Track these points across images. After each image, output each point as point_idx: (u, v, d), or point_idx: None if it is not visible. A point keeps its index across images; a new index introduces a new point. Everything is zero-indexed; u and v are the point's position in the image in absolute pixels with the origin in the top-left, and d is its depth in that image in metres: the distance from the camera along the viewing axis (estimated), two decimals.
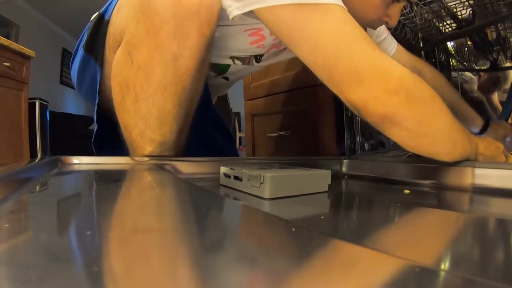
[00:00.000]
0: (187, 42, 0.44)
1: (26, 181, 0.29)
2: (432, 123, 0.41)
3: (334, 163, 0.60)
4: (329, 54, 0.40)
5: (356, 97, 0.41)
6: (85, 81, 0.61)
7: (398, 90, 0.40)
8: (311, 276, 0.12)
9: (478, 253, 0.20)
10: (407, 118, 0.40)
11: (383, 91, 0.40)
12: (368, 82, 0.40)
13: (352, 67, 0.40)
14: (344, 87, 0.41)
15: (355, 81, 0.40)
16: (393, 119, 0.40)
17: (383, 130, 0.43)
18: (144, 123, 0.49)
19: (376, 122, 0.42)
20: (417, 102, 0.41)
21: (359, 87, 0.40)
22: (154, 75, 0.46)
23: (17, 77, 1.75)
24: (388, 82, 0.40)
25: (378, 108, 0.40)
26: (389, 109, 0.40)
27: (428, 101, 0.42)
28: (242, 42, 0.56)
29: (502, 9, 0.70)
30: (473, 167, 0.43)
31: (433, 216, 0.32)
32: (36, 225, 0.18)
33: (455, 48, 1.06)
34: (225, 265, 0.13)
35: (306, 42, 0.41)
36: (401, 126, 0.40)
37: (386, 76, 0.40)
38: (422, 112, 0.41)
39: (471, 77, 1.14)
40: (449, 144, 0.43)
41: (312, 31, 0.40)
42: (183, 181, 0.38)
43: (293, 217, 0.29)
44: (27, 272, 0.11)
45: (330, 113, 0.81)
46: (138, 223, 0.18)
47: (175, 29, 0.43)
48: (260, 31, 0.54)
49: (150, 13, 0.44)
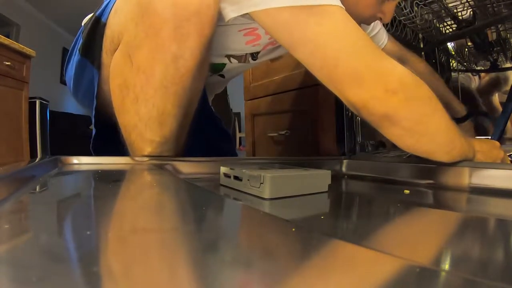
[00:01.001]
0: (187, 43, 0.44)
1: (26, 181, 0.29)
2: (430, 122, 0.42)
3: (334, 163, 0.60)
4: (328, 56, 0.41)
5: (356, 97, 0.41)
6: (82, 86, 0.60)
7: (397, 90, 0.40)
8: (311, 276, 0.12)
9: (478, 253, 0.20)
10: (406, 118, 0.41)
11: (383, 91, 0.40)
12: (367, 82, 0.40)
13: (352, 68, 0.40)
14: (344, 88, 0.42)
15: (355, 82, 0.41)
16: (392, 118, 0.41)
17: (381, 129, 0.43)
18: (144, 124, 0.49)
19: (375, 122, 0.42)
20: (415, 102, 0.41)
21: (359, 88, 0.41)
22: (155, 76, 0.46)
23: (17, 76, 1.75)
24: (387, 82, 0.40)
25: (377, 108, 0.41)
26: (388, 108, 0.40)
27: (426, 101, 0.42)
28: (237, 42, 0.56)
29: (503, 10, 0.70)
30: (471, 167, 0.43)
31: (433, 216, 0.32)
32: (36, 225, 0.18)
33: (455, 49, 1.06)
34: (225, 265, 0.13)
35: (304, 45, 0.41)
36: (399, 125, 0.41)
37: (386, 76, 0.41)
38: (421, 111, 0.41)
39: (471, 76, 1.15)
40: (447, 144, 0.43)
41: (310, 33, 0.40)
42: (183, 181, 0.38)
43: (293, 217, 0.29)
44: (27, 272, 0.11)
45: (330, 113, 0.81)
46: (138, 223, 0.18)
47: (175, 30, 0.43)
48: (255, 31, 0.54)
49: (149, 15, 0.44)
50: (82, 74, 0.58)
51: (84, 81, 0.58)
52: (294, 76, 0.92)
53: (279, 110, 0.98)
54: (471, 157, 0.46)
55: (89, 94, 0.57)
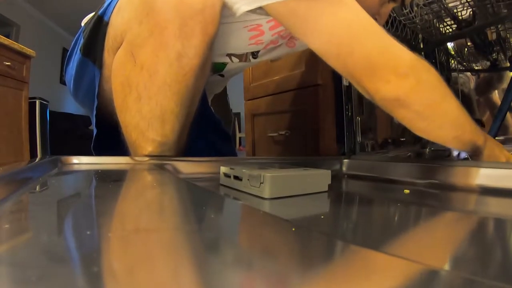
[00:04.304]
0: (191, 41, 0.44)
1: (26, 181, 0.29)
2: (440, 106, 0.43)
3: (334, 163, 0.60)
4: (344, 43, 0.42)
5: (370, 83, 0.43)
6: (83, 86, 0.60)
7: (408, 74, 0.42)
8: (311, 276, 0.12)
9: (484, 254, 0.20)
10: (417, 101, 0.42)
11: (394, 76, 0.42)
12: (380, 68, 0.42)
13: (366, 54, 0.42)
14: (358, 74, 0.43)
15: (368, 68, 0.42)
16: (403, 102, 0.42)
17: (394, 114, 0.45)
18: (146, 123, 0.49)
19: (388, 106, 0.44)
20: (426, 86, 0.43)
21: (373, 74, 0.42)
22: (158, 74, 0.46)
23: (17, 76, 1.75)
24: (398, 67, 0.42)
25: (389, 92, 0.42)
26: (400, 92, 0.42)
27: (437, 85, 0.44)
28: (241, 38, 0.56)
29: (502, 10, 0.70)
30: (472, 167, 0.43)
31: (432, 216, 0.32)
32: (36, 225, 0.18)
33: (455, 49, 1.06)
34: (225, 265, 0.13)
35: (320, 34, 0.43)
36: (411, 109, 0.43)
37: (397, 61, 0.42)
38: (431, 95, 0.43)
39: (468, 77, 1.15)
40: (457, 128, 0.45)
41: (326, 23, 0.42)
42: (183, 181, 0.38)
43: (293, 217, 0.29)
44: (27, 272, 0.11)
45: (330, 113, 0.81)
46: (138, 223, 0.18)
47: (179, 28, 0.43)
48: (260, 27, 0.54)
49: (153, 13, 0.44)
50: (83, 74, 0.58)
51: (85, 80, 0.58)
52: (294, 76, 0.92)
53: (279, 110, 0.98)
54: (481, 144, 0.47)
55: (90, 93, 0.57)
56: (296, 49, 0.68)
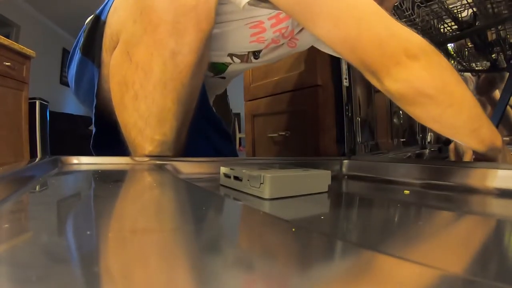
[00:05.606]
0: (185, 39, 0.44)
1: (26, 181, 0.29)
2: (455, 92, 0.41)
3: (334, 164, 0.60)
4: (351, 26, 0.41)
5: (380, 66, 0.41)
6: (83, 85, 0.60)
7: (418, 56, 0.40)
8: (311, 277, 0.12)
9: (484, 254, 0.20)
10: (430, 85, 0.40)
11: (405, 57, 0.40)
12: (390, 49, 0.40)
13: (374, 37, 0.41)
14: (367, 57, 0.42)
15: (378, 50, 0.41)
16: (415, 84, 0.40)
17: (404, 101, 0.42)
18: (144, 121, 0.49)
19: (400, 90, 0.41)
20: (438, 69, 0.41)
21: (382, 56, 0.41)
22: (153, 73, 0.46)
23: (17, 77, 1.75)
24: (408, 49, 0.40)
25: (400, 74, 0.40)
26: (411, 75, 0.40)
27: (449, 69, 0.42)
28: (243, 36, 0.56)
29: (503, 11, 0.70)
30: (472, 167, 0.43)
31: (432, 216, 0.32)
32: (36, 225, 0.18)
33: (455, 50, 1.07)
34: (225, 266, 0.13)
35: (326, 19, 0.42)
36: (423, 93, 0.40)
37: (406, 42, 0.41)
38: (444, 79, 0.41)
39: (468, 77, 1.15)
40: (473, 120, 0.42)
41: (331, 7, 0.41)
42: (183, 181, 0.38)
43: (293, 218, 0.29)
44: (27, 272, 0.11)
45: (330, 113, 0.81)
46: (138, 223, 0.18)
47: (172, 25, 0.43)
48: (262, 24, 0.54)
49: (147, 11, 0.44)
50: (83, 73, 0.58)
51: (85, 80, 0.59)
52: (294, 76, 0.92)
53: (279, 110, 0.99)
54: (500, 146, 0.44)
55: (90, 93, 0.57)
56: (297, 50, 0.68)
